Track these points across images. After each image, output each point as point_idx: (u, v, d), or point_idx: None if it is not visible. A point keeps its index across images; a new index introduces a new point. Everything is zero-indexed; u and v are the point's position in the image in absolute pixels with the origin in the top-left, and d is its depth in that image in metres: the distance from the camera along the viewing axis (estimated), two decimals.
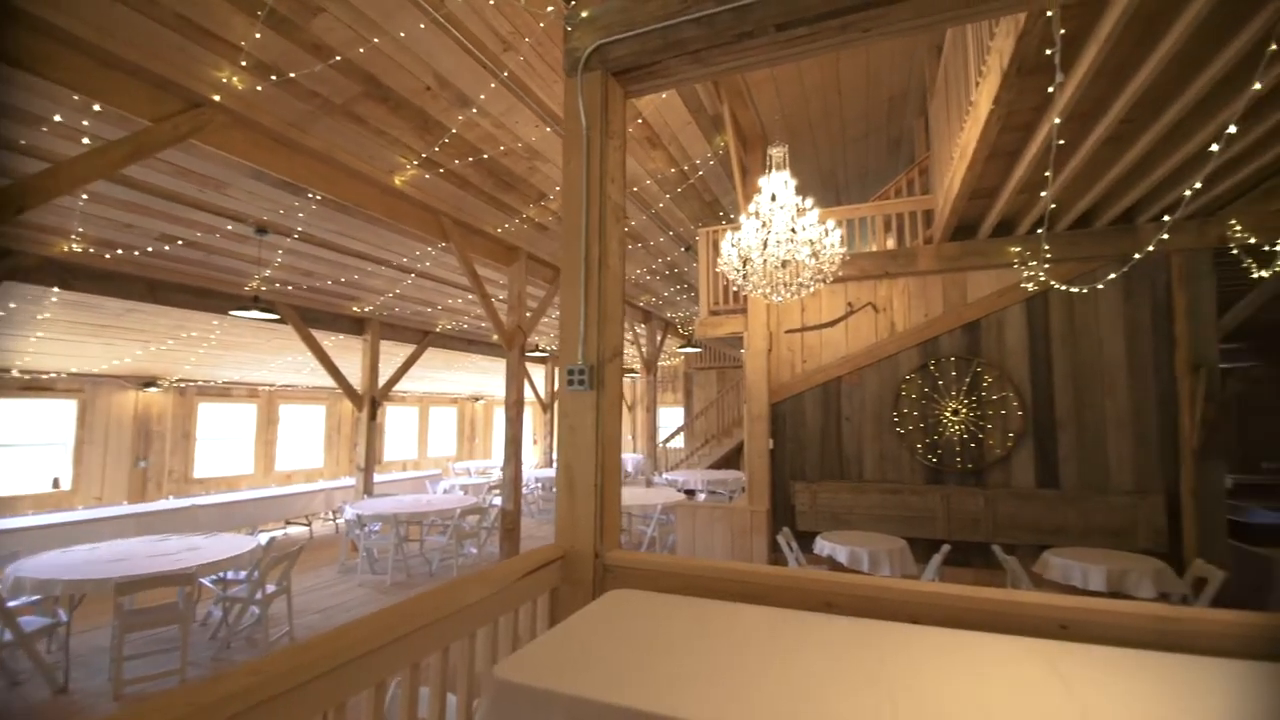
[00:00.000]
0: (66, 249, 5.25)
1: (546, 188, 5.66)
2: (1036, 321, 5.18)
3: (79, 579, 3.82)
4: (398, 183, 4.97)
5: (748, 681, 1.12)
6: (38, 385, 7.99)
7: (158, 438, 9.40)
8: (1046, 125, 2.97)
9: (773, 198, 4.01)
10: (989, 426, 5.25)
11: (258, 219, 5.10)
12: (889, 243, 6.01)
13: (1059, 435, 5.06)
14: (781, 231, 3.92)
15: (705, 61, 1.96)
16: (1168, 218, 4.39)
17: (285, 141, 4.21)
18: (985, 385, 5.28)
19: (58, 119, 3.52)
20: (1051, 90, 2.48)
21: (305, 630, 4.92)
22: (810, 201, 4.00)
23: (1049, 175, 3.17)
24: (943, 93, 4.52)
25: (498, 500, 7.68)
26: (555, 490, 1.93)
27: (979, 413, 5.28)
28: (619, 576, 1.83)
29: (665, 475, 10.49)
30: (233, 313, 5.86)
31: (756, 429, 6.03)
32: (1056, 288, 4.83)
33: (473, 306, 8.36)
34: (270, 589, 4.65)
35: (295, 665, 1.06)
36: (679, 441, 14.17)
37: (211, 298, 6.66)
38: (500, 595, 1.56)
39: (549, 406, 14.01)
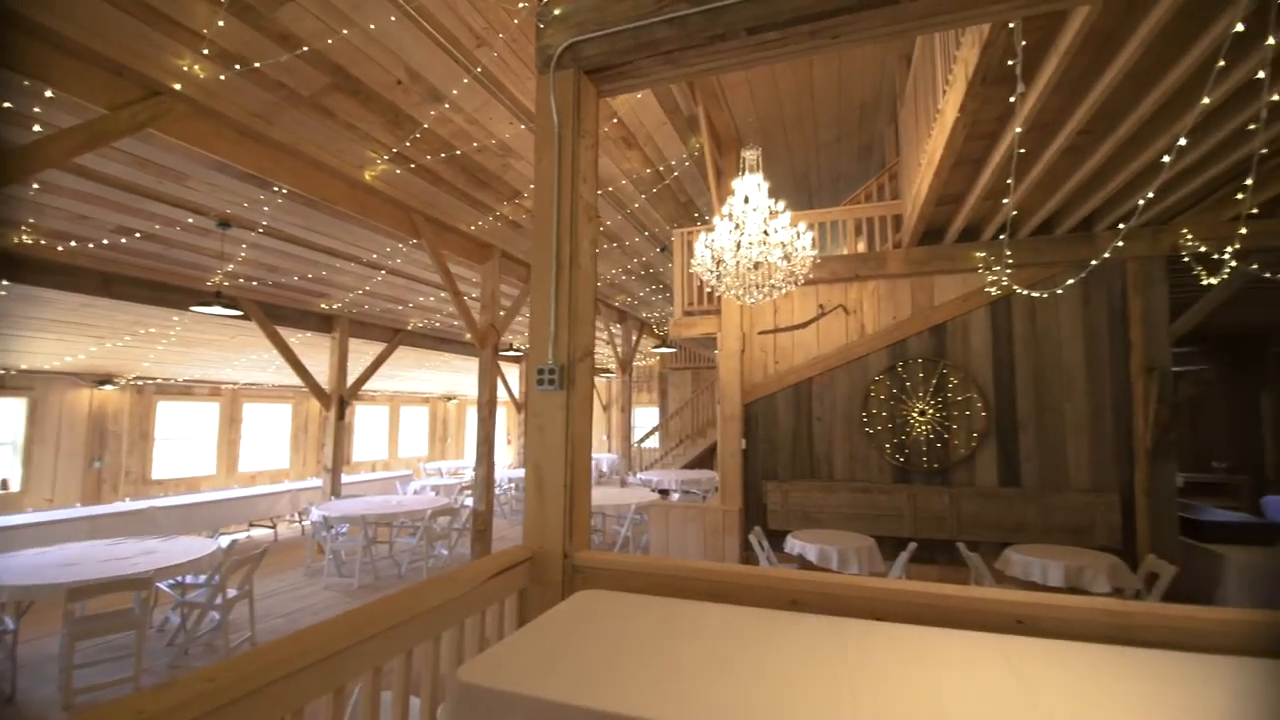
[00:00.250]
0: (17, 241, 5.03)
1: (521, 185, 5.61)
2: (1000, 325, 5.33)
3: (27, 584, 3.66)
4: (368, 177, 4.88)
5: (712, 680, 1.13)
6: None
7: (114, 437, 9.07)
8: (1010, 134, 3.06)
9: (745, 200, 4.05)
10: (954, 427, 5.38)
11: (220, 212, 4.96)
12: (860, 246, 6.11)
13: (1020, 436, 5.21)
14: (754, 233, 3.96)
15: (678, 63, 1.97)
16: (1123, 226, 4.55)
17: (250, 133, 4.10)
18: (951, 387, 5.41)
19: (6, 105, 3.36)
20: (1013, 100, 2.55)
21: (268, 635, 4.79)
22: (782, 204, 4.05)
23: (1011, 183, 3.26)
24: (912, 101, 4.62)
25: (469, 501, 7.59)
26: (521, 491, 1.91)
27: (945, 413, 5.41)
28: (588, 577, 1.83)
29: (640, 475, 10.50)
30: (194, 308, 5.69)
31: (729, 429, 6.08)
32: (1019, 292, 4.98)
33: (445, 304, 8.25)
34: (231, 593, 4.51)
35: (250, 670, 1.03)
36: (654, 441, 14.20)
37: (172, 293, 6.44)
38: (466, 597, 1.54)
39: (523, 406, 13.91)
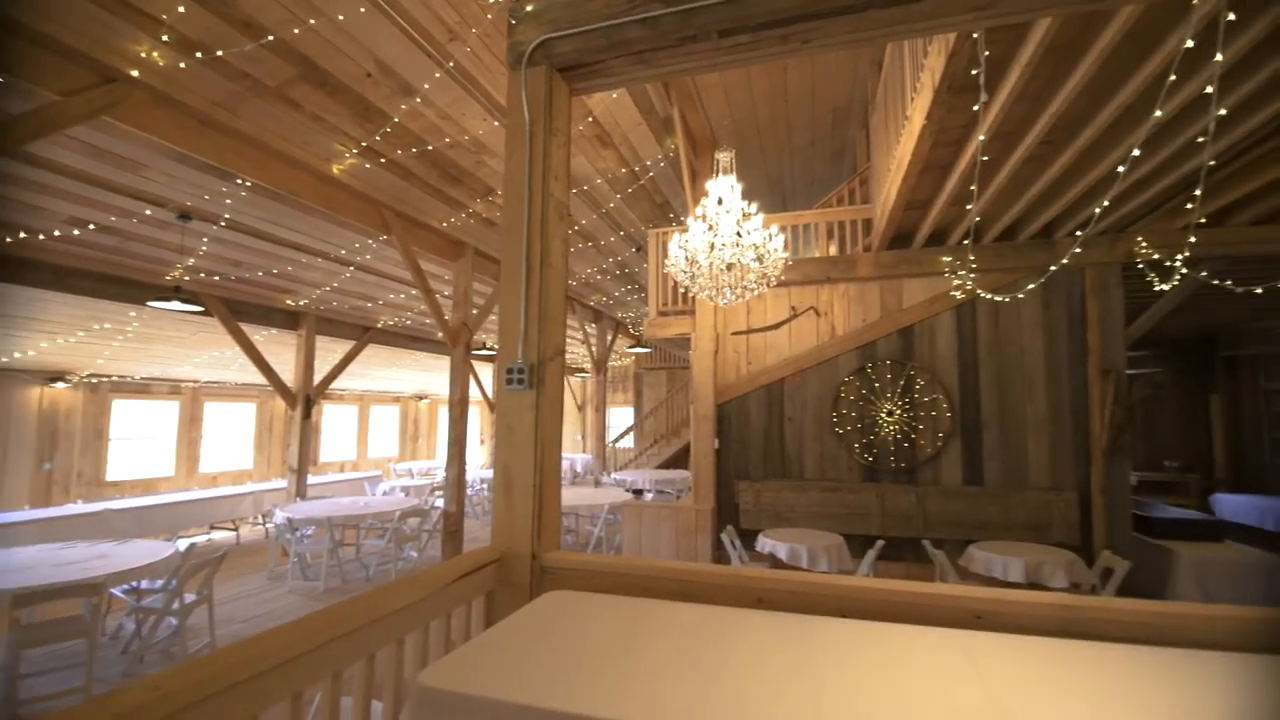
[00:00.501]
0: None
1: (495, 182, 5.56)
2: (965, 328, 5.47)
3: None
4: (335, 171, 4.78)
5: (676, 679, 1.13)
6: None
7: (65, 437, 8.70)
8: (974, 142, 3.14)
9: (719, 201, 4.07)
10: (921, 427, 5.50)
11: (180, 204, 4.80)
12: (831, 249, 6.21)
13: (984, 435, 5.35)
14: (727, 235, 3.98)
15: (651, 63, 1.97)
16: (1080, 233, 4.71)
17: (212, 123, 3.98)
18: (918, 388, 5.53)
19: None
20: (977, 109, 2.62)
21: (229, 641, 4.63)
22: (755, 206, 4.09)
23: (974, 189, 3.35)
24: (882, 107, 4.70)
25: (441, 502, 7.49)
26: (490, 491, 1.89)
27: (912, 414, 5.52)
28: (557, 578, 1.82)
29: (614, 475, 10.48)
30: (152, 304, 5.50)
31: (702, 429, 6.11)
32: (983, 296, 5.11)
33: (416, 302, 8.12)
34: (190, 598, 4.37)
35: (201, 678, 1.00)
36: (629, 441, 14.20)
37: (128, 287, 6.21)
38: (431, 600, 1.51)
39: (495, 406, 13.77)
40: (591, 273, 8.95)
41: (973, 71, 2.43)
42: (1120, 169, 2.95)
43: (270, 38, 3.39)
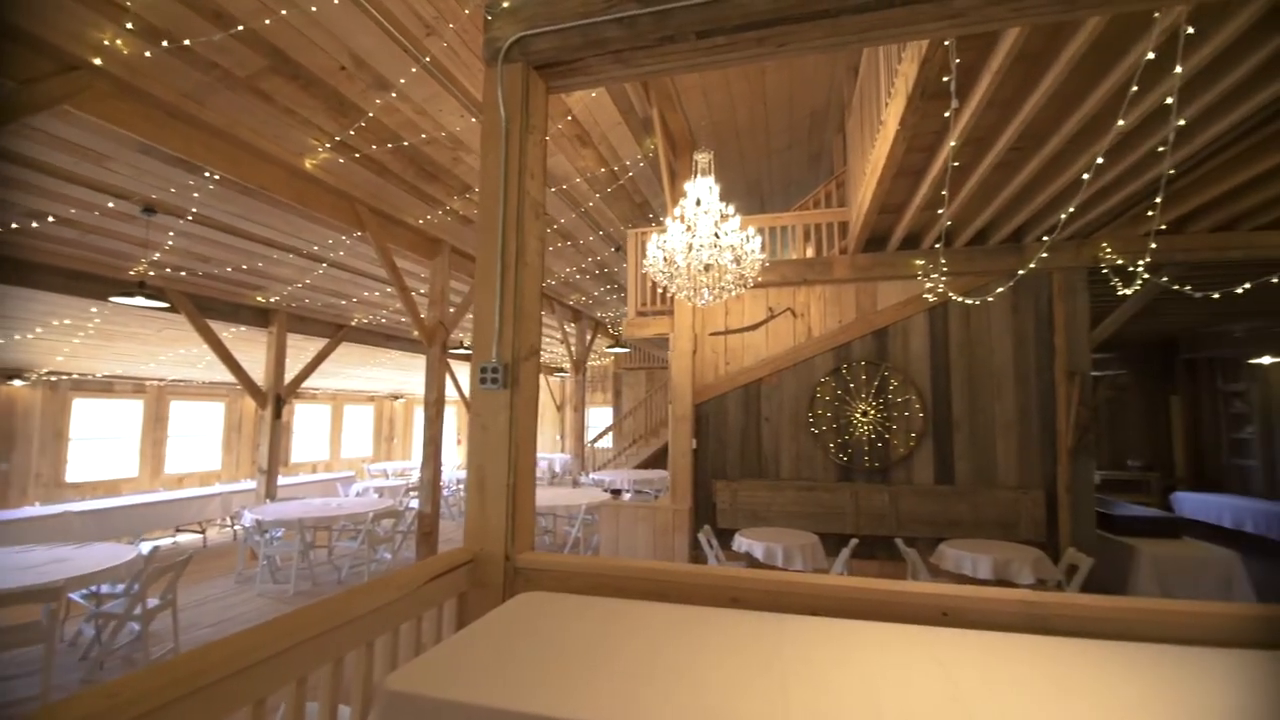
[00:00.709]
0: None
1: (472, 179, 5.50)
2: (937, 330, 5.57)
3: None
4: (308, 166, 4.69)
5: (647, 679, 1.13)
6: None
7: (23, 437, 8.39)
8: (947, 147, 3.20)
9: (698, 202, 4.09)
10: (894, 427, 5.59)
11: (145, 197, 4.66)
12: (808, 251, 6.27)
13: (955, 435, 5.45)
14: (705, 236, 4.00)
15: (628, 62, 1.97)
16: (1047, 238, 4.83)
17: (179, 114, 3.88)
18: (892, 388, 5.62)
19: None
20: (948, 115, 2.67)
21: (193, 646, 4.53)
22: (732, 208, 4.11)
23: (945, 194, 3.41)
24: (858, 111, 4.77)
25: (415, 503, 7.40)
26: (465, 492, 1.87)
27: (886, 414, 5.61)
28: (531, 579, 1.81)
29: (592, 475, 10.46)
30: (114, 299, 5.32)
31: (680, 429, 6.13)
32: (955, 299, 5.21)
33: (391, 300, 8.00)
34: (153, 603, 4.25)
35: (159, 684, 0.97)
36: (607, 441, 14.18)
37: (90, 282, 6.01)
38: (401, 602, 1.49)
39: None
40: (571, 272, 8.91)
41: (944, 78, 2.48)
42: (1085, 176, 3.03)
43: (240, 28, 3.31)
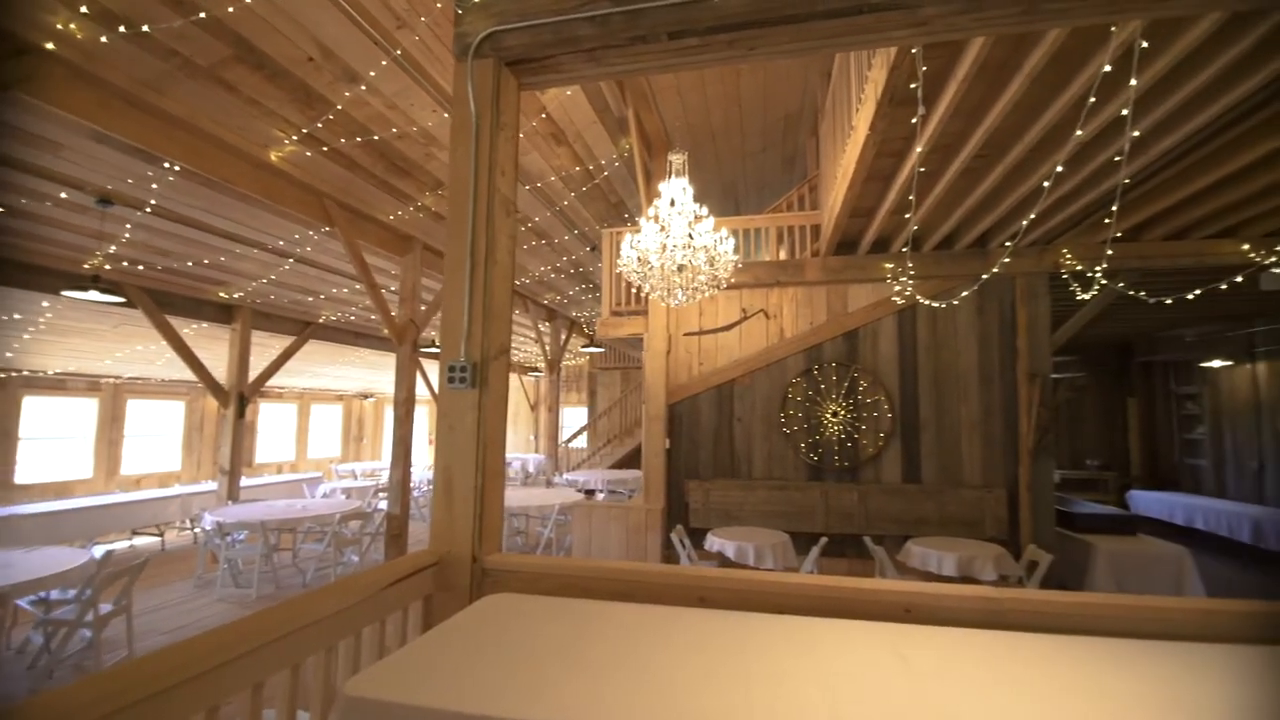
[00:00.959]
0: None
1: (445, 175, 5.43)
2: (906, 332, 5.69)
3: None
4: (274, 158, 4.57)
5: (612, 680, 1.13)
6: None
7: None
8: (914, 153, 3.26)
9: (671, 203, 4.10)
10: (863, 427, 5.68)
11: (100, 187, 4.49)
12: (781, 254, 6.34)
13: (922, 435, 5.58)
14: (679, 237, 4.01)
15: (601, 61, 1.96)
16: (1009, 244, 4.97)
17: (137, 102, 3.74)
18: (861, 389, 5.71)
19: None
20: (915, 121, 2.72)
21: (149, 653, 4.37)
22: (706, 209, 4.13)
23: (913, 199, 3.48)
24: (830, 116, 4.84)
25: (384, 504, 7.27)
26: (431, 493, 1.84)
27: (855, 414, 5.70)
28: (498, 580, 1.78)
29: (566, 475, 10.41)
30: (67, 293, 5.12)
31: (654, 429, 6.13)
32: (922, 302, 5.33)
33: (361, 297, 7.84)
34: (106, 609, 4.09)
35: (103, 693, 0.93)
36: (582, 441, 14.12)
37: (41, 275, 5.76)
38: (364, 605, 1.46)
39: None
40: (545, 271, 8.86)
41: (912, 85, 2.53)
42: (1046, 184, 3.12)
43: (202, 15, 3.21)
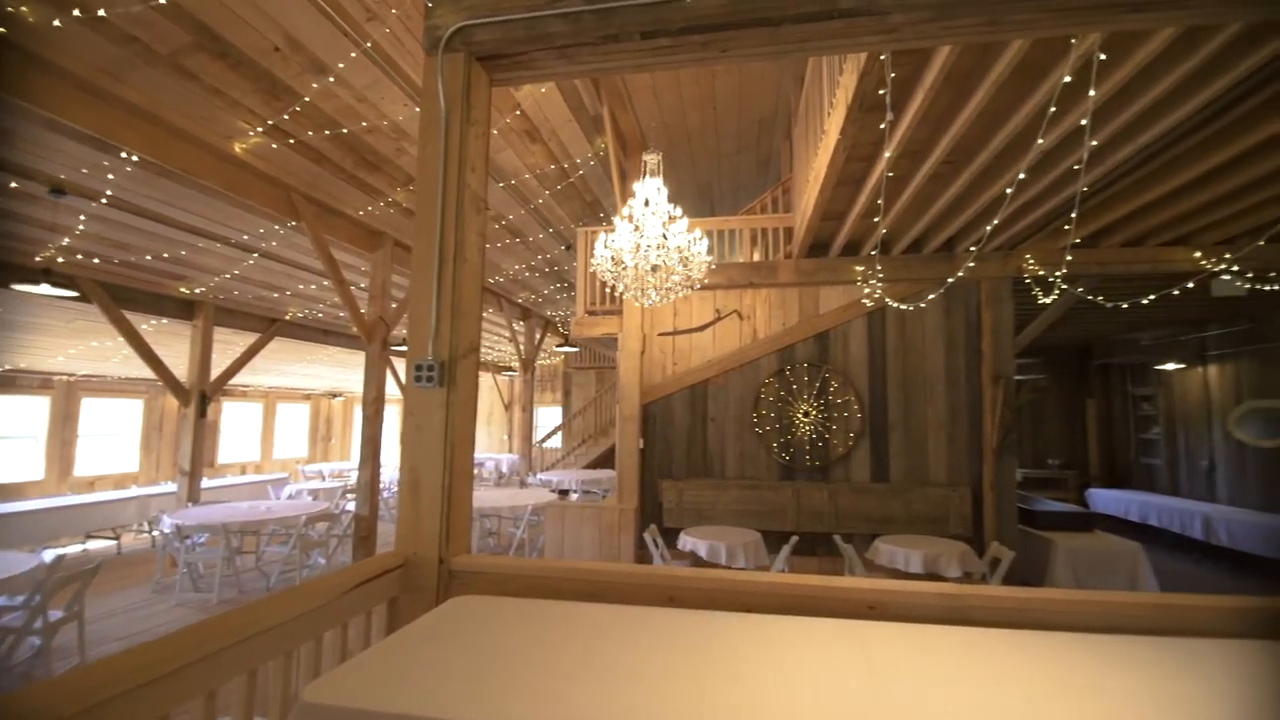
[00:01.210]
0: None
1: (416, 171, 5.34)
2: (875, 334, 5.79)
3: None
4: (238, 150, 4.44)
5: (577, 681, 1.12)
6: None
7: None
8: (884, 158, 3.32)
9: (645, 203, 4.10)
10: (834, 427, 5.77)
11: (52, 177, 4.30)
12: (755, 255, 6.39)
13: (890, 435, 5.68)
14: (653, 236, 4.02)
15: (573, 59, 1.95)
16: (974, 249, 5.09)
17: (92, 90, 3.60)
18: (832, 390, 5.80)
19: None
20: (883, 127, 2.77)
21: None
22: (680, 210, 4.14)
23: (881, 204, 3.54)
24: (803, 120, 4.89)
25: (353, 505, 7.12)
26: (397, 494, 1.81)
27: (826, 415, 5.79)
28: (465, 582, 1.76)
29: (540, 475, 10.35)
30: (16, 286, 4.90)
31: (628, 429, 6.13)
32: (892, 305, 5.43)
33: (329, 293, 7.67)
34: (56, 615, 3.93)
35: (46, 701, 0.89)
36: (556, 441, 14.05)
37: None
38: (325, 609, 1.43)
39: None
40: (520, 269, 8.79)
41: (880, 91, 2.57)
42: (1009, 191, 3.20)
43: (162, 0, 3.10)
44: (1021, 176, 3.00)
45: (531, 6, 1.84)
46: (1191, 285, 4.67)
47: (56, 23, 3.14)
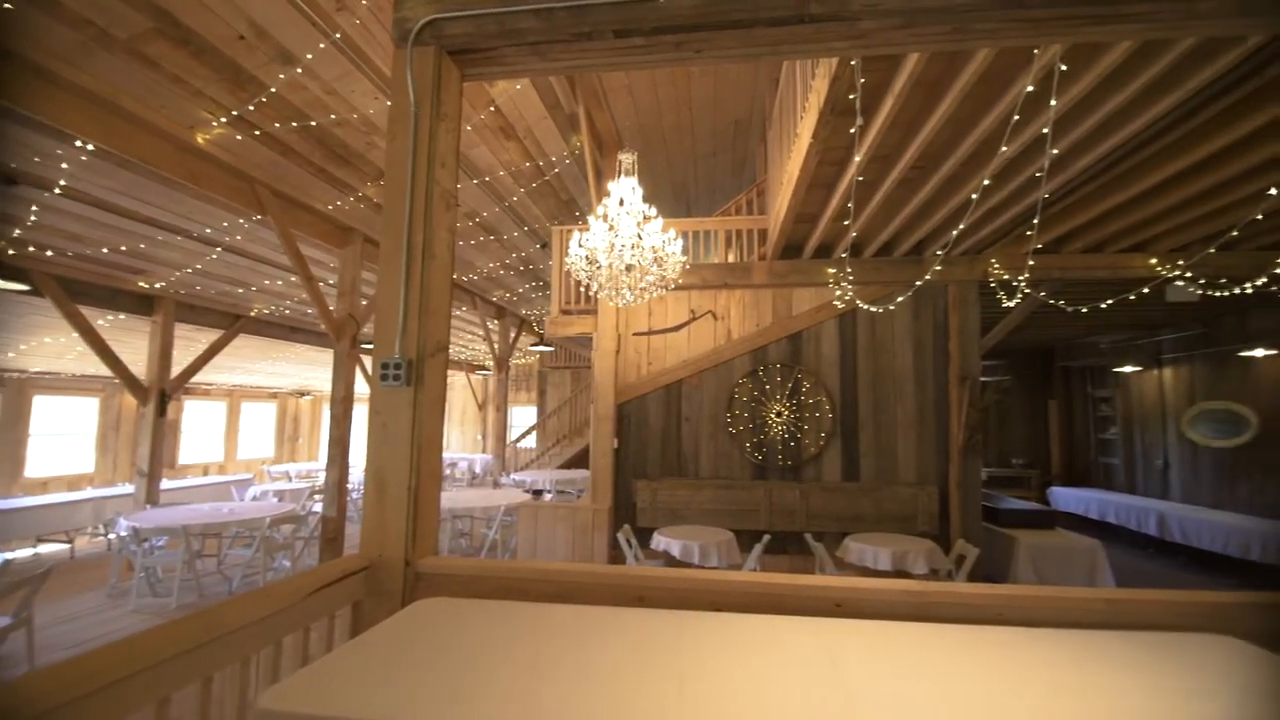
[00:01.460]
0: None
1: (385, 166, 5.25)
2: (846, 335, 5.88)
3: None
4: (200, 140, 4.31)
5: (545, 682, 1.11)
6: None
7: None
8: (854, 163, 3.37)
9: (620, 202, 4.09)
10: (806, 427, 5.84)
11: (2, 166, 4.12)
12: (730, 256, 6.44)
13: (860, 435, 5.78)
14: (628, 236, 4.01)
15: (546, 56, 1.94)
16: (940, 252, 5.21)
17: (46, 75, 3.45)
18: (804, 390, 5.87)
19: None
20: (854, 131, 2.81)
21: None
22: (654, 210, 4.15)
23: (851, 207, 3.59)
24: (778, 123, 4.94)
25: (320, 507, 6.97)
26: (362, 495, 1.78)
27: (798, 415, 5.85)
28: (432, 585, 1.73)
29: (514, 475, 10.26)
30: None
31: (602, 429, 6.12)
32: (862, 307, 5.51)
33: (297, 290, 7.49)
34: (4, 621, 3.77)
35: None
36: (531, 441, 13.95)
37: None
38: (285, 614, 1.39)
39: None
40: (495, 267, 8.71)
41: (850, 96, 2.61)
42: (974, 196, 3.28)
43: None
44: (986, 183, 3.08)
45: (504, 1, 1.82)
46: (1147, 290, 4.85)
47: (7, 4, 3.01)
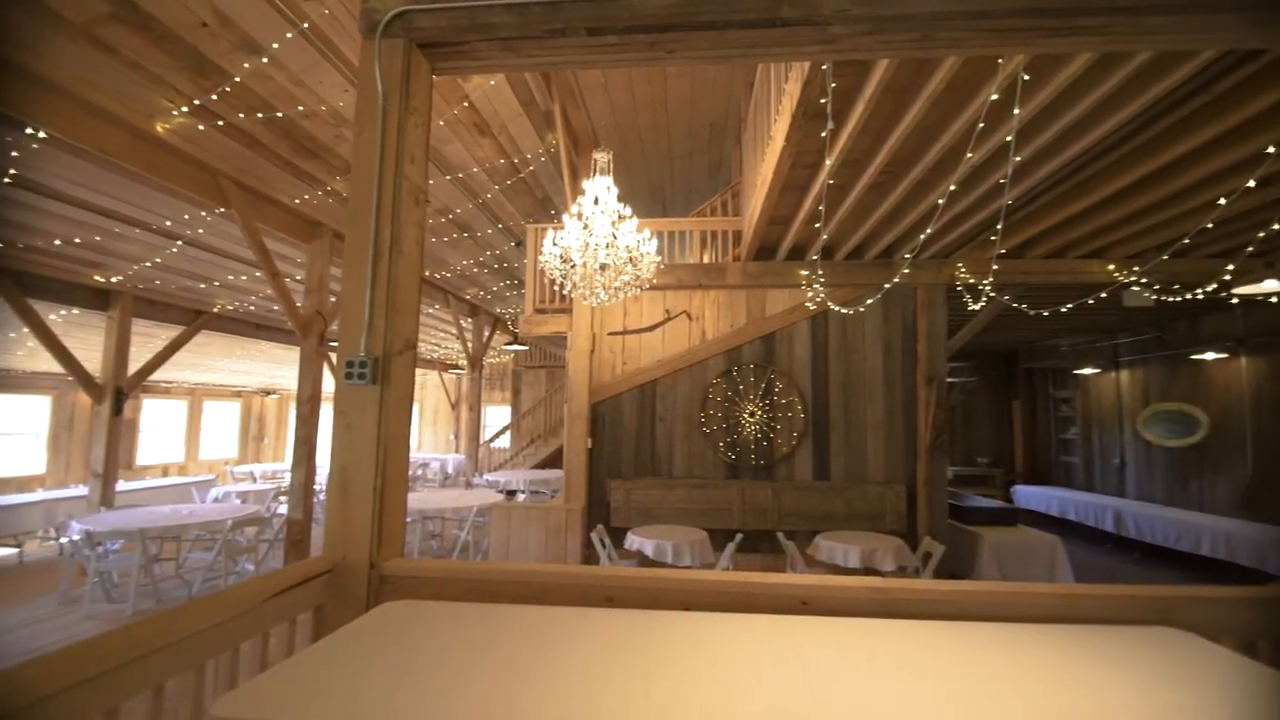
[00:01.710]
0: None
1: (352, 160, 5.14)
2: (818, 336, 5.96)
3: None
4: (160, 130, 4.16)
5: (512, 685, 1.10)
6: None
7: None
8: (826, 166, 3.41)
9: (595, 201, 4.08)
10: (778, 427, 5.90)
11: None
12: (705, 257, 6.47)
13: (831, 435, 5.86)
14: (602, 235, 4.00)
15: (519, 52, 1.92)
16: (908, 256, 5.32)
17: None
18: (777, 390, 5.93)
19: None
20: (825, 135, 2.85)
21: None
22: (629, 209, 4.14)
23: (822, 210, 3.64)
24: (752, 126, 4.98)
25: (285, 509, 6.79)
26: (325, 496, 1.73)
27: (771, 415, 5.91)
28: (398, 588, 1.70)
29: (487, 476, 10.16)
30: None
31: (576, 428, 6.09)
32: (834, 308, 5.60)
33: (262, 285, 7.30)
34: None
35: None
36: (505, 441, 13.83)
37: None
38: (242, 618, 1.35)
39: None
40: (468, 264, 8.60)
41: (822, 100, 2.64)
42: (940, 202, 3.35)
43: None
44: (953, 188, 3.15)
45: None
46: (1105, 295, 5.02)
47: None
